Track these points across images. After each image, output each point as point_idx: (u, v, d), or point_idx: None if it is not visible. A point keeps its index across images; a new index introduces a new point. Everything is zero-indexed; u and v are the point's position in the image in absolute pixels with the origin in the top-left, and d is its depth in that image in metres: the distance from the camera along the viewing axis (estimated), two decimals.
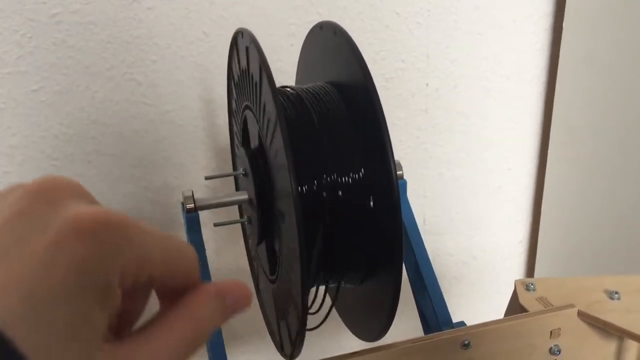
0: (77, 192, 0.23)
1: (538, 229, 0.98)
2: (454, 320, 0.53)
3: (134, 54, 0.70)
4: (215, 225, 0.52)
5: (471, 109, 0.88)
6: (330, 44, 0.49)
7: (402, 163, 0.89)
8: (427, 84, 0.85)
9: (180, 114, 0.74)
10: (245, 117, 0.53)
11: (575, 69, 0.85)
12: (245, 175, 0.50)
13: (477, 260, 0.99)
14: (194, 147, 0.76)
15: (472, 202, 0.94)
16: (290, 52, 0.75)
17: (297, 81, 0.62)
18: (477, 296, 1.01)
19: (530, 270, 1.02)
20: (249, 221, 0.52)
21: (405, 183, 0.55)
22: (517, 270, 1.03)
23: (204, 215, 0.80)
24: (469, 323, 0.50)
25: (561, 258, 0.95)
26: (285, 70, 0.75)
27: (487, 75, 0.87)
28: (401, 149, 0.87)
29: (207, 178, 0.55)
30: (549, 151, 0.92)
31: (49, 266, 0.20)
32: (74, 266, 0.20)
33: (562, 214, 0.94)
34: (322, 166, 0.44)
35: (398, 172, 0.55)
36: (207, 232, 0.81)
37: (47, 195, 0.22)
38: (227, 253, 0.84)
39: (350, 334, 0.55)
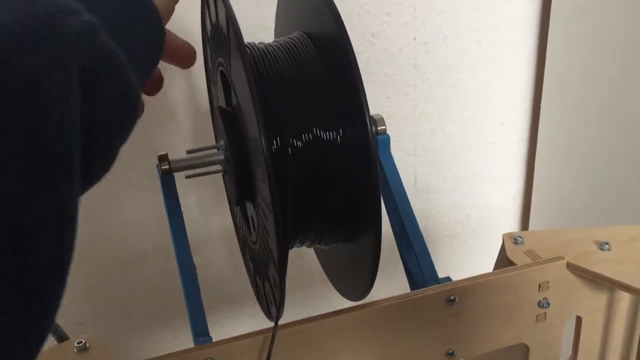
0: None
1: (532, 184, 0.96)
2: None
3: None
4: (187, 177, 0.50)
5: (462, 63, 0.86)
6: None
7: (391, 121, 0.87)
8: (415, 38, 0.82)
9: None
10: (219, 75, 0.51)
11: (567, 19, 0.82)
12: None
13: (470, 217, 0.97)
14: (175, 109, 0.74)
15: (465, 159, 0.93)
16: (272, 8, 0.72)
17: (276, 35, 0.60)
18: (472, 254, 1.00)
19: (525, 226, 1.01)
20: (225, 171, 0.50)
21: (388, 138, 0.53)
22: (511, 226, 1.02)
23: (191, 181, 0.79)
24: None
25: (556, 213, 0.94)
26: (268, 27, 0.72)
27: (477, 27, 0.84)
28: (390, 106, 0.85)
29: (189, 152, 0.52)
30: (541, 105, 0.90)
31: None
32: None
33: (556, 170, 0.92)
34: (295, 121, 0.42)
35: (380, 127, 0.53)
36: (195, 197, 0.80)
37: None
38: (216, 217, 0.83)
39: None
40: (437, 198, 0.94)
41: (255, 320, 0.90)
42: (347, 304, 0.50)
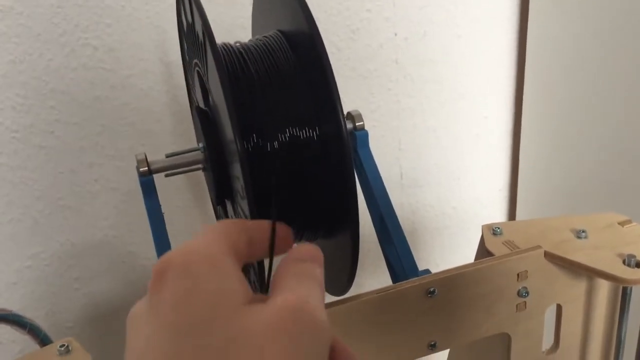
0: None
1: (517, 175, 0.97)
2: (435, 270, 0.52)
3: (86, 18, 0.68)
4: (166, 175, 0.50)
5: (443, 57, 0.86)
6: None
7: (375, 116, 0.87)
8: (395, 34, 0.82)
9: (141, 78, 0.72)
10: (196, 75, 0.51)
11: (546, 10, 0.83)
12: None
13: (457, 210, 0.98)
14: (159, 111, 0.75)
15: (450, 152, 0.93)
16: (249, 7, 0.72)
17: (253, 33, 0.60)
18: (461, 246, 1.01)
19: (512, 217, 1.02)
20: (204, 169, 0.50)
21: (366, 134, 0.53)
22: (498, 217, 1.02)
23: (179, 182, 0.79)
24: None
25: (542, 203, 0.95)
26: (246, 26, 0.72)
27: (457, 22, 0.85)
28: (374, 102, 0.85)
29: (168, 156, 0.51)
30: (524, 96, 0.91)
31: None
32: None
33: (541, 159, 0.93)
34: (271, 120, 0.43)
35: (358, 123, 0.54)
36: (183, 199, 0.80)
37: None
38: (201, 215, 0.83)
39: None
40: (423, 191, 0.95)
41: None
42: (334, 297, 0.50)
